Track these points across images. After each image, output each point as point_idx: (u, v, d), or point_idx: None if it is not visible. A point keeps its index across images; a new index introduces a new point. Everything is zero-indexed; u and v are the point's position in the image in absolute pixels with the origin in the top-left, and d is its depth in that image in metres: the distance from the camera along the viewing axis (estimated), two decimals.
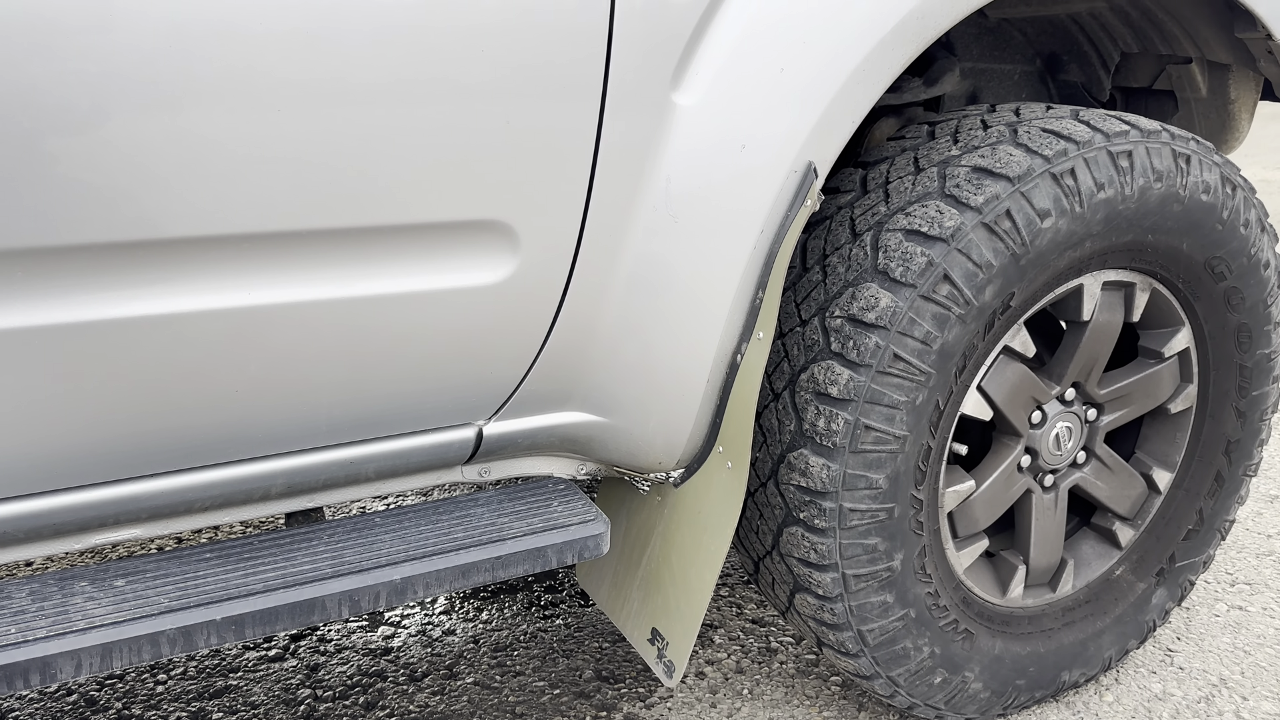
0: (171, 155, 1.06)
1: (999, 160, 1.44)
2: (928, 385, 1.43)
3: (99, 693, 1.89)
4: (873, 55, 1.33)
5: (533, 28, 1.18)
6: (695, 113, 1.30)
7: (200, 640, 1.16)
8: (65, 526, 1.21)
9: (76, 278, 1.08)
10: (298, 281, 1.17)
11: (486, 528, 1.36)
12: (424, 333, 1.27)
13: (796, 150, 1.33)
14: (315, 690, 1.89)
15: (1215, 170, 1.58)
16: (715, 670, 1.95)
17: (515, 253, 1.27)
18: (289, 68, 1.07)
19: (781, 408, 1.50)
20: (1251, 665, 1.96)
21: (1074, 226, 1.46)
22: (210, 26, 1.03)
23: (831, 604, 1.53)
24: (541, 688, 1.89)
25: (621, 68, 1.24)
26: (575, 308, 1.34)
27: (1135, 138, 1.51)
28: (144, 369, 1.14)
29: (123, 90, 1.02)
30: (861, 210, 1.51)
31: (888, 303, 1.40)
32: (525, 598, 2.19)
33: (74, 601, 1.17)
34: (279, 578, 1.23)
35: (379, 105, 1.13)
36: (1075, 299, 1.59)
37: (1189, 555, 1.86)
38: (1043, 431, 1.65)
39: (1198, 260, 1.63)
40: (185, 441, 1.22)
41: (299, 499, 1.36)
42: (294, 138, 1.10)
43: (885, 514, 1.48)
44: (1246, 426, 1.81)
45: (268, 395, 1.23)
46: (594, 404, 1.46)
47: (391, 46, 1.12)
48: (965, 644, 1.65)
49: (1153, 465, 1.81)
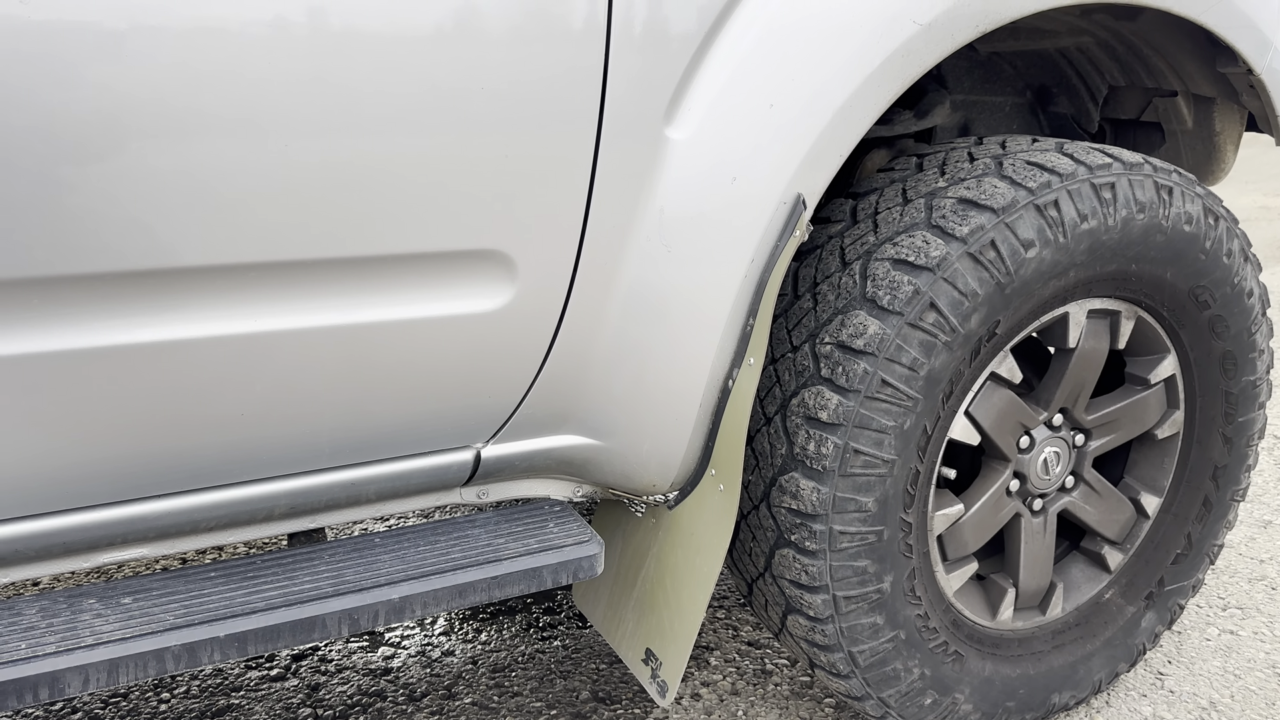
0: (181, 188, 1.10)
1: (984, 192, 1.48)
2: (915, 410, 1.47)
3: (103, 711, 1.91)
4: (860, 91, 1.38)
5: (530, 64, 1.22)
6: (688, 146, 1.34)
7: (204, 656, 1.19)
8: (75, 545, 1.24)
9: (87, 305, 1.12)
10: (302, 309, 1.21)
11: (484, 548, 1.39)
12: (423, 358, 1.31)
13: (785, 182, 1.37)
14: (316, 709, 1.92)
15: (1198, 201, 1.62)
16: (711, 692, 1.97)
17: (513, 281, 1.31)
18: (297, 104, 1.12)
19: (773, 432, 1.53)
20: (1241, 689, 1.98)
21: (1058, 256, 1.50)
22: (218, 65, 1.08)
23: (823, 625, 1.55)
24: (539, 709, 1.92)
25: (616, 103, 1.28)
26: (571, 334, 1.38)
27: (1118, 170, 1.55)
28: (152, 393, 1.18)
29: (134, 125, 1.06)
30: (851, 240, 1.55)
31: (876, 330, 1.44)
32: (524, 619, 2.22)
33: (82, 618, 1.21)
34: (281, 596, 1.26)
35: (381, 139, 1.18)
36: (1061, 326, 1.62)
37: (1178, 579, 1.89)
38: (1031, 456, 1.68)
39: (1182, 289, 1.66)
40: (192, 463, 1.25)
41: (302, 519, 1.40)
42: (299, 171, 1.14)
43: (875, 536, 1.51)
44: (1233, 452, 1.84)
45: (272, 418, 1.26)
46: (589, 427, 1.49)
47: (393, 83, 1.16)
48: (955, 666, 1.67)
49: (1141, 490, 1.84)
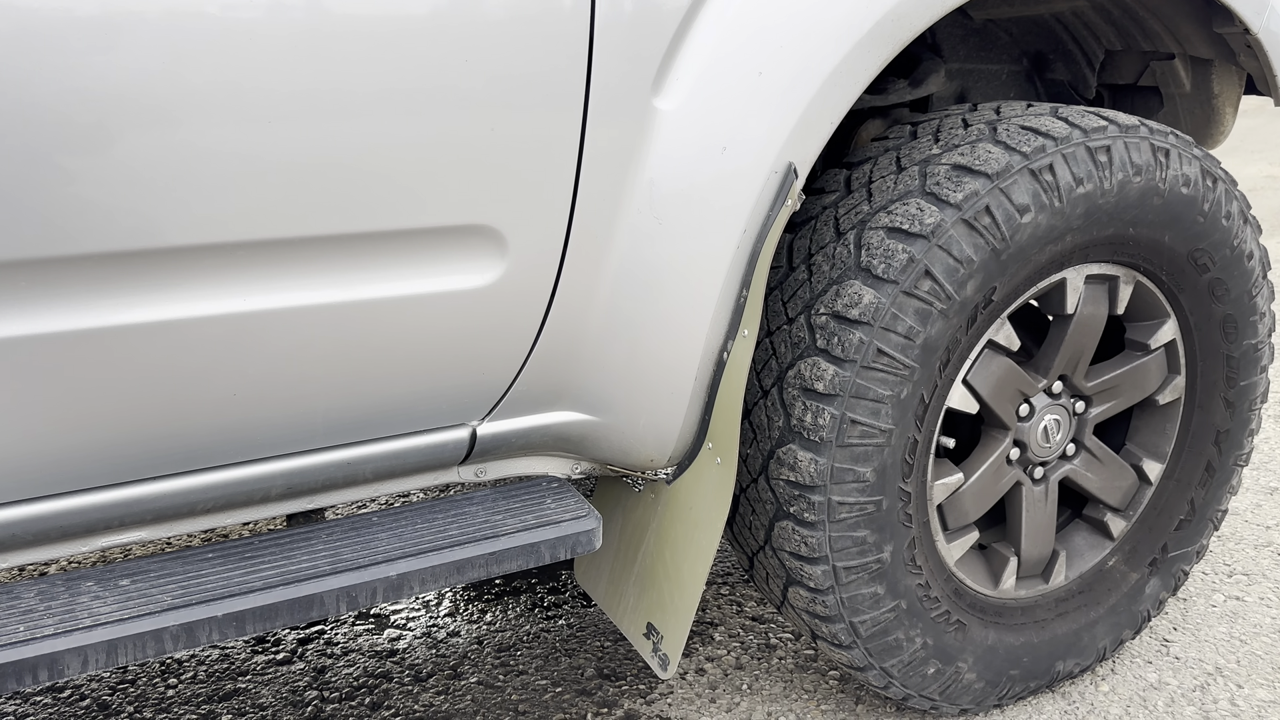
0: (170, 166, 1.10)
1: (978, 158, 1.47)
2: (912, 379, 1.46)
3: (111, 697, 1.93)
4: (849, 57, 1.37)
5: (515, 37, 1.21)
6: (676, 117, 1.33)
7: (203, 636, 1.19)
8: (72, 529, 1.25)
9: (79, 286, 1.12)
10: (293, 287, 1.21)
11: (481, 525, 1.39)
12: (416, 335, 1.30)
13: (776, 152, 1.36)
14: (322, 692, 1.93)
15: (1195, 164, 1.61)
16: (715, 666, 1.97)
17: (503, 256, 1.30)
18: (282, 81, 1.12)
19: (770, 404, 1.53)
20: (1247, 654, 1.97)
21: (1054, 221, 1.49)
22: (207, 43, 1.08)
23: (823, 596, 1.55)
24: (544, 686, 1.92)
25: (603, 75, 1.27)
26: (564, 309, 1.38)
27: (1113, 133, 1.53)
28: (146, 373, 1.18)
29: (123, 105, 1.06)
30: (845, 209, 1.54)
31: (871, 299, 1.43)
32: (528, 599, 2.23)
33: (80, 600, 1.21)
34: (279, 575, 1.26)
35: (368, 116, 1.17)
36: (1059, 293, 1.61)
37: (1181, 545, 1.88)
38: (1030, 424, 1.67)
39: (1180, 253, 1.65)
40: (187, 444, 1.26)
41: (299, 500, 1.40)
42: (287, 148, 1.14)
43: (873, 507, 1.51)
44: (1236, 417, 1.83)
45: (266, 398, 1.26)
46: (585, 403, 1.49)
47: (380, 59, 1.16)
48: (958, 635, 1.67)
49: (1143, 456, 1.83)
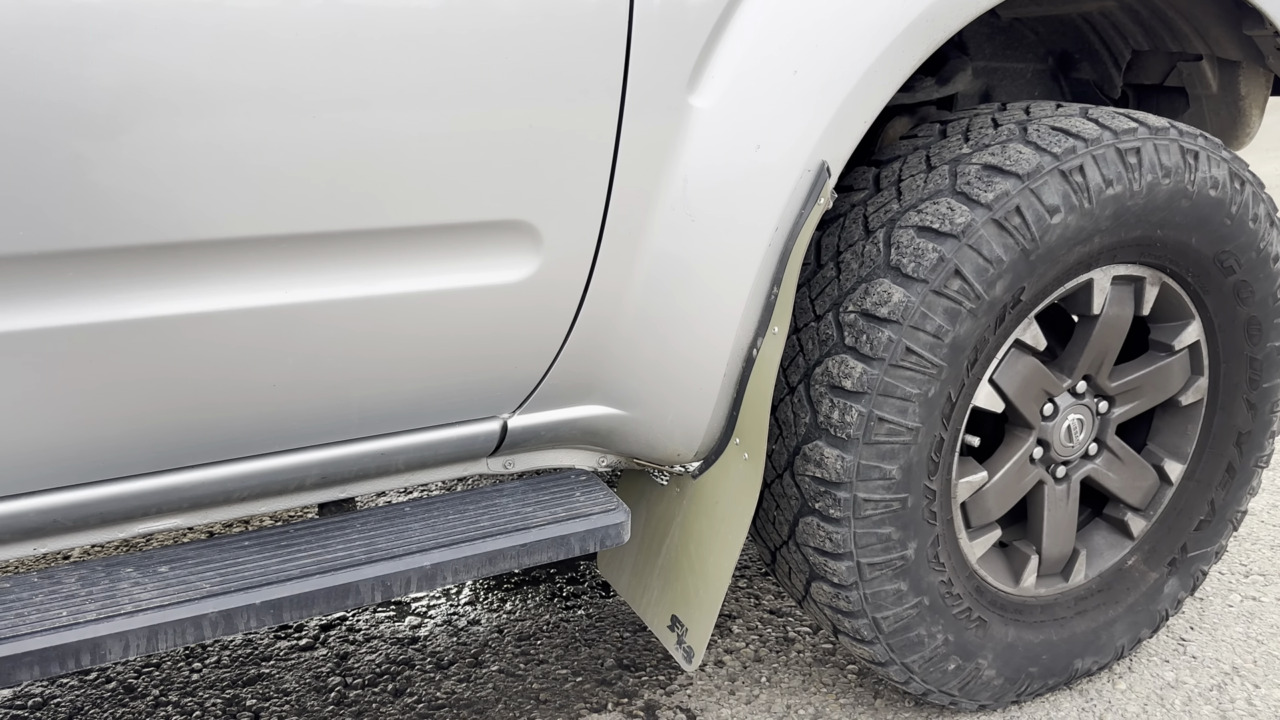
0: (208, 160, 1.11)
1: (1009, 158, 1.48)
2: (940, 378, 1.47)
3: (136, 680, 1.95)
4: (884, 57, 1.37)
5: (553, 33, 1.22)
6: (711, 115, 1.34)
7: (240, 623, 1.21)
8: (111, 515, 1.26)
9: (119, 278, 1.13)
10: (332, 280, 1.22)
11: (512, 517, 1.41)
12: (450, 329, 1.32)
13: (810, 150, 1.37)
14: (345, 678, 1.95)
15: (1223, 166, 1.61)
16: (734, 659, 1.99)
17: (538, 252, 1.31)
18: (322, 76, 1.13)
19: (797, 401, 1.54)
20: (1264, 654, 1.98)
21: (1083, 222, 1.49)
22: (244, 37, 1.09)
23: (847, 591, 1.57)
24: (564, 675, 1.94)
25: (640, 72, 1.28)
26: (596, 304, 1.39)
27: (1143, 135, 1.54)
28: (186, 364, 1.19)
29: (160, 98, 1.07)
30: (874, 208, 1.54)
31: (900, 298, 1.44)
32: (548, 589, 2.24)
33: (121, 586, 1.23)
34: (315, 564, 1.28)
35: (407, 110, 1.18)
36: (1085, 293, 1.62)
37: (1201, 545, 1.89)
38: (1054, 423, 1.68)
39: (1207, 255, 1.65)
40: (225, 434, 1.27)
41: (332, 489, 1.42)
42: (327, 143, 1.15)
43: (899, 504, 1.52)
44: (1258, 418, 1.84)
45: (302, 389, 1.28)
46: (614, 397, 1.50)
47: (418, 53, 1.16)
48: (978, 632, 1.69)
49: (1164, 457, 1.84)
